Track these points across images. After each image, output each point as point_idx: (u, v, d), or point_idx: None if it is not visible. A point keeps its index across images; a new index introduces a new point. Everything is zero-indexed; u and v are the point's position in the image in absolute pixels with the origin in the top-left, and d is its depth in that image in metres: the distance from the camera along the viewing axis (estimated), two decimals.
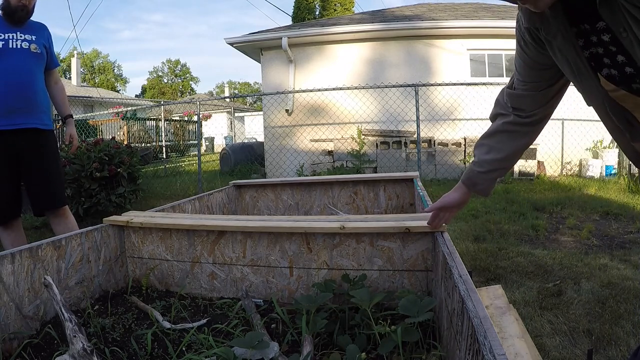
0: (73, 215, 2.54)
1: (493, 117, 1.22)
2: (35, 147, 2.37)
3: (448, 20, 7.82)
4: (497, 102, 1.20)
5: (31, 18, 2.44)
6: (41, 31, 2.47)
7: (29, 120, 2.34)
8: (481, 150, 1.21)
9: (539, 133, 1.18)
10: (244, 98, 45.67)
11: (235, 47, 8.61)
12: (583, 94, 0.94)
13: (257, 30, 8.76)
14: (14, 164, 2.36)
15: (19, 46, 2.33)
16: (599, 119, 0.98)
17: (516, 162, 1.25)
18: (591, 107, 0.96)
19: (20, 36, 2.34)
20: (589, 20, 0.80)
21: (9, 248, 2.31)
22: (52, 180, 2.41)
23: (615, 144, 7.61)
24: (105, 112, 14.05)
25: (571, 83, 1.07)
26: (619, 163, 6.97)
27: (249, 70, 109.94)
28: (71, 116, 2.67)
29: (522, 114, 1.12)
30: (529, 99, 1.08)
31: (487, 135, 1.22)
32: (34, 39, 2.39)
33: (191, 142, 18.72)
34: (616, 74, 0.83)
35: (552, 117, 1.16)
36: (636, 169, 6.00)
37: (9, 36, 2.33)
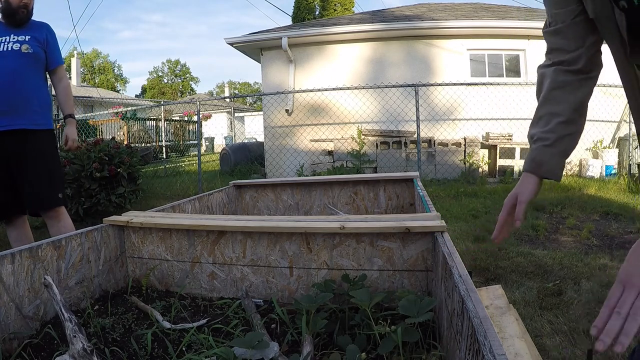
0: (71, 217, 2.49)
1: (538, 88, 1.11)
2: (23, 147, 2.32)
3: (448, 20, 7.82)
4: (537, 71, 1.11)
5: (33, 18, 2.43)
6: (39, 30, 2.41)
7: (15, 121, 2.30)
8: (539, 125, 1.08)
9: (592, 87, 1.06)
10: (244, 98, 45.68)
11: (235, 47, 8.61)
12: (598, 21, 0.90)
13: (257, 30, 8.77)
14: (5, 164, 2.33)
15: (9, 48, 2.29)
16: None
17: (582, 125, 1.08)
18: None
19: (14, 38, 2.31)
20: None
21: (13, 245, 2.34)
22: (40, 181, 2.34)
23: (615, 143, 7.53)
24: (105, 112, 14.03)
25: None
26: (619, 163, 6.97)
27: (249, 70, 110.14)
28: (71, 116, 2.57)
29: (564, 57, 1.04)
30: (566, 32, 1.02)
31: (538, 107, 1.09)
32: (27, 39, 2.33)
33: (191, 142, 18.72)
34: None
35: None
36: (637, 170, 6.01)
37: (1, 39, 2.31)
